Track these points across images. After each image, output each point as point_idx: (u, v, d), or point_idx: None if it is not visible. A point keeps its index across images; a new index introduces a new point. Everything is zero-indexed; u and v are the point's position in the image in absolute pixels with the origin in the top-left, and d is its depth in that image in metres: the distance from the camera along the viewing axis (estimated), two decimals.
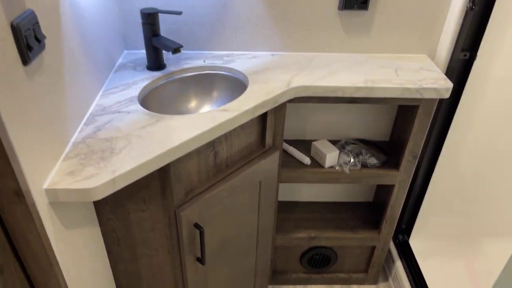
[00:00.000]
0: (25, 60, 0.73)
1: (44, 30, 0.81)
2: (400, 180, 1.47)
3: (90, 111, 1.06)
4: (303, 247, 1.71)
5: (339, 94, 1.24)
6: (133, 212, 1.09)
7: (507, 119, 1.51)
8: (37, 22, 0.76)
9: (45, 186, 0.82)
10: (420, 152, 1.41)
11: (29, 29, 0.73)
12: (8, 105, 0.68)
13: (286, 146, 1.52)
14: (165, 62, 1.30)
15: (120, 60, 1.33)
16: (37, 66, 0.78)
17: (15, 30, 0.70)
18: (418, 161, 1.58)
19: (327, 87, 1.22)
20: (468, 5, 1.26)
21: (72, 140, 0.95)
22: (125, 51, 1.39)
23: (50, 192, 0.82)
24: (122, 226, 1.11)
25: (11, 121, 0.69)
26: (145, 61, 1.32)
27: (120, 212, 1.09)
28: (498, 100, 1.47)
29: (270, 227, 1.50)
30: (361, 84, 1.23)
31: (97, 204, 1.06)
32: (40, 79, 0.79)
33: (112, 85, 1.19)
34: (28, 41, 0.73)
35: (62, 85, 0.89)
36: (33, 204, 0.77)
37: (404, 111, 1.46)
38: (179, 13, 1.15)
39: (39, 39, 0.77)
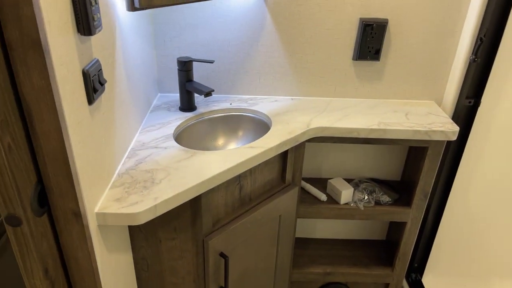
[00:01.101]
0: (90, 100, 0.86)
1: (104, 75, 0.95)
2: (412, 217, 1.54)
3: (131, 146, 1.19)
4: (318, 283, 1.75)
5: (355, 135, 1.35)
6: (164, 240, 1.18)
7: (510, 159, 1.61)
8: (101, 69, 0.90)
9: (96, 210, 0.92)
10: (430, 191, 1.49)
11: (95, 74, 0.87)
12: (76, 136, 0.80)
13: (303, 183, 1.62)
14: (195, 104, 1.44)
15: (155, 102, 1.47)
16: (98, 106, 0.91)
17: (85, 75, 0.83)
18: (429, 200, 1.66)
19: (343, 128, 1.34)
20: (471, 57, 1.40)
21: (117, 171, 1.07)
22: (159, 94, 1.53)
23: (100, 216, 0.92)
24: (152, 254, 1.20)
25: (76, 150, 0.81)
26: (177, 103, 1.46)
27: (152, 240, 1.18)
28: (502, 142, 1.58)
29: (288, 261, 1.57)
30: (375, 126, 1.35)
31: (132, 232, 1.16)
32: (98, 116, 0.92)
33: (149, 123, 1.32)
34: (94, 84, 0.86)
35: (113, 122, 1.02)
36: (87, 226, 0.87)
37: (414, 152, 1.56)
38: (211, 61, 1.30)
39: (102, 83, 0.90)
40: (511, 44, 1.39)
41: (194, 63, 1.45)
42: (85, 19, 0.79)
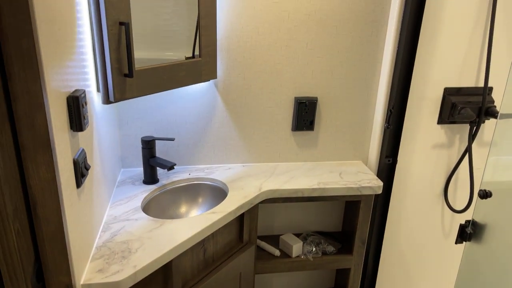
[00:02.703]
0: (79, 184, 1.00)
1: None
2: (354, 263, 1.76)
3: (104, 220, 1.30)
4: None
5: (299, 195, 1.58)
6: None
7: (426, 207, 1.92)
8: (86, 156, 1.05)
9: (81, 282, 1.02)
10: (367, 238, 1.74)
11: (82, 162, 1.02)
12: (70, 217, 0.93)
13: (258, 241, 1.79)
14: (158, 177, 1.59)
15: (119, 177, 1.61)
16: (82, 188, 1.05)
17: (76, 163, 0.98)
18: (367, 246, 1.90)
19: (290, 190, 1.56)
20: (385, 125, 1.73)
21: (95, 244, 1.18)
22: (122, 169, 1.67)
23: (85, 287, 1.02)
24: None
25: (70, 229, 0.93)
26: (140, 177, 1.61)
27: None
28: (417, 190, 1.89)
29: None
30: (316, 186, 1.59)
31: None
32: (83, 197, 1.06)
33: (117, 198, 1.45)
34: (82, 170, 1.01)
35: (92, 200, 1.15)
36: None
37: (350, 205, 1.82)
38: (172, 139, 1.49)
39: (87, 168, 1.05)
40: (412, 114, 1.74)
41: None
42: (77, 119, 0.96)
